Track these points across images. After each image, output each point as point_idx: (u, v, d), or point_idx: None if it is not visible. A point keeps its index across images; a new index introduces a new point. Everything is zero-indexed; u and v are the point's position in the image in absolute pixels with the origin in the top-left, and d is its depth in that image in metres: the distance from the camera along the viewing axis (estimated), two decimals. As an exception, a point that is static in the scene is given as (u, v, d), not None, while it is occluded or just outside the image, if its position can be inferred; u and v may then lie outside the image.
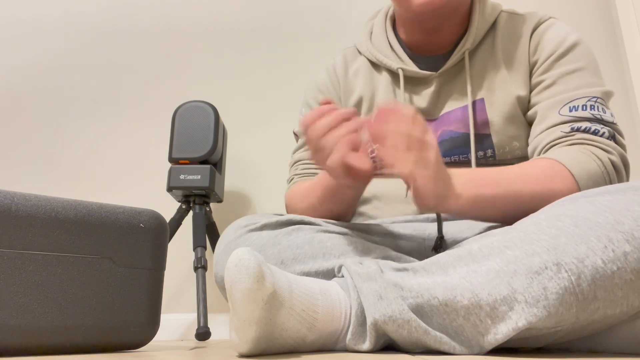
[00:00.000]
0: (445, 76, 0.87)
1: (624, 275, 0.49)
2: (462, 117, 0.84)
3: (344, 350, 0.58)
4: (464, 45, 0.86)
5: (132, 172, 1.60)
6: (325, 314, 0.56)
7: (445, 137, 0.85)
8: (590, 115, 0.75)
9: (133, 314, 0.73)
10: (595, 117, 0.75)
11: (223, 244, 0.78)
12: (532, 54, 0.83)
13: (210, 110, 1.32)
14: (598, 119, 0.75)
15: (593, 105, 0.76)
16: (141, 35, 1.71)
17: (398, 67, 0.88)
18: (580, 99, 0.77)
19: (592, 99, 0.76)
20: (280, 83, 1.64)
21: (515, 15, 0.89)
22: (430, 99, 0.87)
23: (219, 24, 1.71)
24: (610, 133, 0.74)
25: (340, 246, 0.70)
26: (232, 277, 0.51)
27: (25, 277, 0.65)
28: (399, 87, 0.89)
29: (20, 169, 1.61)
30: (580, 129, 0.74)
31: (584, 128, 0.74)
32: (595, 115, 0.75)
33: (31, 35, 1.73)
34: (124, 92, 1.67)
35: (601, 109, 0.76)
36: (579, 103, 0.76)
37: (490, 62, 0.86)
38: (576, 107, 0.76)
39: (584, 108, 0.76)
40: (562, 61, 0.81)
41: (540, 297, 0.50)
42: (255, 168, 1.58)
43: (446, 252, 0.59)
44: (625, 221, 0.51)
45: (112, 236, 0.73)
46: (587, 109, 0.76)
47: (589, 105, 0.76)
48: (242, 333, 0.52)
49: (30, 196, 0.69)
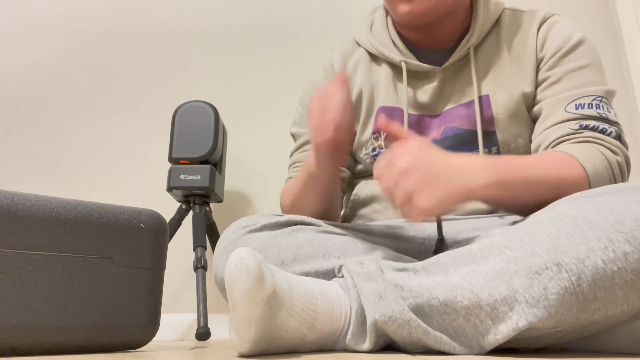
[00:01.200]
0: (448, 71, 0.86)
1: (624, 276, 0.49)
2: (467, 114, 0.83)
3: (344, 350, 0.58)
4: (469, 41, 0.85)
5: (132, 172, 1.60)
6: (325, 314, 0.56)
7: (449, 134, 0.83)
8: (597, 114, 0.75)
9: (133, 314, 0.73)
10: (601, 116, 0.75)
11: (223, 244, 0.78)
12: (540, 50, 0.83)
13: (210, 110, 1.32)
14: (604, 117, 0.75)
15: (598, 105, 0.76)
16: (141, 35, 1.71)
17: (401, 59, 0.86)
18: (586, 97, 0.76)
19: (598, 98, 0.76)
20: (281, 83, 1.64)
21: (519, 12, 0.88)
22: (432, 94, 0.86)
23: (219, 23, 1.71)
24: (616, 133, 0.74)
25: (340, 246, 0.70)
26: (232, 277, 0.51)
27: (25, 277, 0.65)
28: (400, 81, 0.88)
29: (20, 169, 1.61)
30: (588, 127, 0.74)
31: (592, 126, 0.74)
32: (601, 114, 0.75)
33: (31, 35, 1.73)
34: (124, 92, 1.67)
35: (606, 108, 0.76)
36: (585, 101, 0.76)
37: (494, 58, 0.85)
38: (582, 105, 0.76)
39: (590, 106, 0.75)
40: (568, 58, 0.80)
41: (540, 297, 0.50)
42: (255, 168, 1.58)
43: (446, 253, 0.59)
44: (626, 221, 0.51)
45: (112, 236, 0.73)
46: (593, 108, 0.75)
47: (594, 104, 0.76)
48: (242, 333, 0.52)
49: (30, 196, 0.69)
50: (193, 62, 1.68)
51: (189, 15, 1.72)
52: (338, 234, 0.74)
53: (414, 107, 0.86)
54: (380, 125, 0.68)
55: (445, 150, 0.82)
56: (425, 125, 0.86)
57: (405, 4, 0.80)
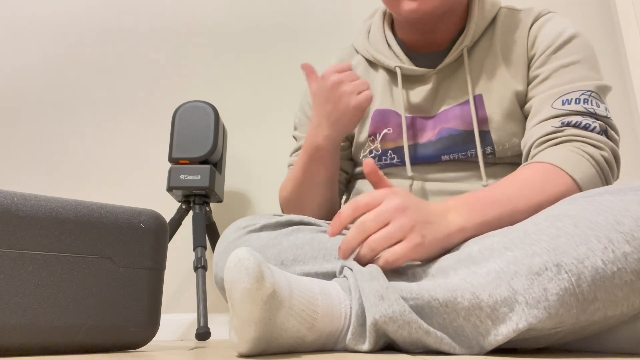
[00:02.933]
0: (443, 73, 0.87)
1: (624, 276, 0.49)
2: (461, 114, 0.84)
3: (344, 350, 0.58)
4: (462, 42, 0.86)
5: (132, 172, 1.60)
6: (325, 314, 0.56)
7: (444, 135, 0.84)
8: (583, 109, 0.75)
9: (133, 314, 0.73)
10: (587, 111, 0.74)
11: (223, 244, 0.78)
12: (530, 48, 0.83)
13: (210, 110, 1.32)
14: (590, 112, 0.74)
15: (587, 99, 0.75)
16: (141, 35, 1.71)
17: (396, 65, 0.88)
18: (574, 92, 0.76)
19: (587, 93, 0.76)
20: (281, 83, 1.64)
21: (515, 10, 0.89)
22: (427, 96, 0.87)
23: (219, 24, 1.71)
24: (601, 127, 0.74)
25: (340, 246, 0.70)
26: (231, 278, 0.50)
27: (25, 277, 0.65)
28: (396, 85, 0.89)
29: (20, 169, 1.61)
30: (570, 124, 0.74)
31: (574, 122, 0.74)
32: (587, 109, 0.75)
33: (31, 35, 1.73)
34: (124, 92, 1.67)
35: (595, 102, 0.75)
36: (573, 96, 0.76)
37: (488, 58, 0.85)
38: (569, 100, 0.76)
39: (577, 102, 0.75)
40: (558, 54, 0.80)
41: (540, 298, 0.49)
42: (255, 168, 1.58)
43: (446, 256, 0.59)
44: (626, 221, 0.51)
45: (112, 236, 0.73)
46: (580, 103, 0.75)
47: (582, 99, 0.75)
48: (241, 333, 0.52)
49: (30, 196, 0.69)
50: (193, 62, 1.68)
51: (189, 15, 1.72)
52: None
53: (409, 109, 0.88)
54: (367, 171, 0.67)
55: (441, 150, 0.83)
56: (419, 127, 0.87)
57: (411, 1, 0.81)
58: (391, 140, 0.88)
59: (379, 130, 0.89)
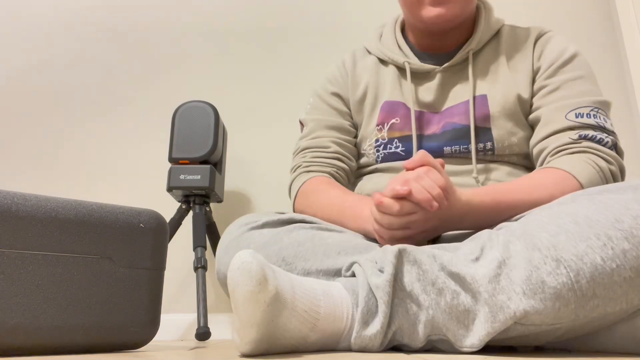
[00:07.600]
0: (448, 72, 0.92)
1: (623, 273, 0.50)
2: (465, 111, 0.89)
3: (346, 350, 0.59)
4: (469, 46, 0.92)
5: (132, 172, 1.60)
6: (328, 314, 0.56)
7: (448, 129, 0.89)
8: (595, 123, 0.80)
9: (133, 314, 0.73)
10: (599, 125, 0.80)
11: (225, 241, 0.79)
12: (537, 60, 0.89)
13: (210, 110, 1.32)
14: (601, 127, 0.80)
15: (596, 114, 0.82)
16: (141, 35, 1.71)
17: (404, 60, 0.93)
18: (585, 107, 0.82)
19: (595, 109, 0.82)
20: (281, 83, 1.64)
21: (517, 28, 0.96)
22: (434, 92, 0.92)
23: (219, 23, 1.71)
24: (612, 142, 0.80)
25: (341, 243, 0.71)
26: (234, 280, 0.51)
27: (25, 277, 0.65)
28: (405, 80, 0.95)
29: (20, 169, 1.61)
30: (587, 137, 0.79)
31: (590, 136, 0.79)
32: (599, 123, 0.81)
33: (31, 35, 1.73)
34: (123, 92, 1.67)
35: (603, 118, 0.82)
36: (584, 111, 0.82)
37: (493, 64, 0.91)
38: (582, 114, 0.81)
39: (588, 116, 0.81)
40: (565, 69, 0.87)
41: (537, 289, 0.51)
42: (255, 168, 1.58)
43: (451, 255, 0.60)
44: (625, 219, 0.51)
45: (112, 236, 0.73)
46: (592, 117, 0.81)
47: (592, 114, 0.81)
48: (243, 334, 0.52)
49: (30, 196, 0.69)
50: (193, 62, 1.68)
51: (189, 15, 1.72)
52: (337, 232, 0.76)
53: (417, 103, 0.93)
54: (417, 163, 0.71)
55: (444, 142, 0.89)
56: (426, 120, 0.92)
57: (435, 7, 0.86)
58: (397, 130, 0.91)
59: (387, 120, 0.92)
